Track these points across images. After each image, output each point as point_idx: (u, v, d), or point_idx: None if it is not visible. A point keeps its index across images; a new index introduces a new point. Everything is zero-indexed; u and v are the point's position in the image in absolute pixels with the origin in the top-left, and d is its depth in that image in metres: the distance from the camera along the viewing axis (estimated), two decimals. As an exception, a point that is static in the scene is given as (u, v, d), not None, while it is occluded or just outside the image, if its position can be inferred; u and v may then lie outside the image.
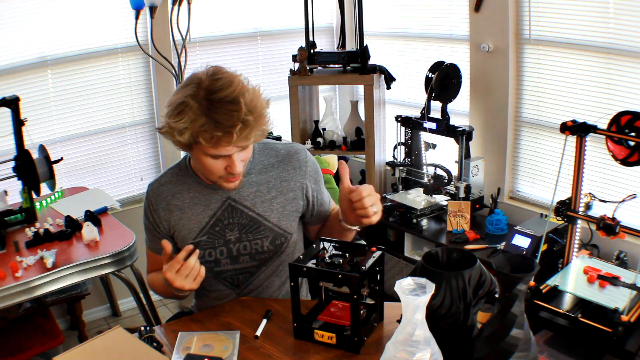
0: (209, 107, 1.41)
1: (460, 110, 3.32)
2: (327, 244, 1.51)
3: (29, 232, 2.39)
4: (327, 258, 1.43)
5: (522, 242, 2.68)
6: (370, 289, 1.48)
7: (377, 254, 1.43)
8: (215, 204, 1.65)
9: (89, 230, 2.34)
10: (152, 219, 1.68)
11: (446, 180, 3.16)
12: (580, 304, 2.24)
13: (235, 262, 1.68)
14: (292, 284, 1.43)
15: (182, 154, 3.39)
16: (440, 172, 3.19)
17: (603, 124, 2.26)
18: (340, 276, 1.35)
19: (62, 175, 3.12)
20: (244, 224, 1.65)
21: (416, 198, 3.26)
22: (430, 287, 1.11)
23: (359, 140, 3.49)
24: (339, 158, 3.83)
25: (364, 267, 1.36)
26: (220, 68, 1.49)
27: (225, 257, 1.67)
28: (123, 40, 3.19)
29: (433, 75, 3.08)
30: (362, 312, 1.47)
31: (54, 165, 2.51)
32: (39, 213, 2.59)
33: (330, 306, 1.51)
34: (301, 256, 1.46)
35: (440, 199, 3.21)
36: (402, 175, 3.40)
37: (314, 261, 1.43)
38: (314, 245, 1.51)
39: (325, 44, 3.94)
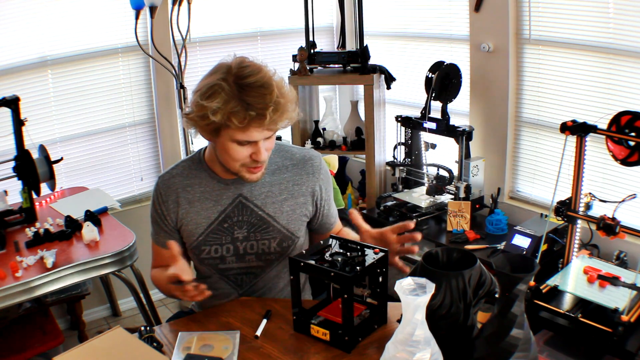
0: (239, 91, 1.44)
1: (460, 110, 3.32)
2: (333, 242, 1.51)
3: (29, 232, 2.39)
4: (328, 256, 1.44)
5: (522, 242, 2.68)
6: (372, 290, 1.47)
7: (379, 255, 1.42)
8: (226, 200, 1.64)
9: (89, 230, 2.34)
10: (160, 210, 1.68)
11: (447, 180, 3.16)
12: (580, 304, 2.24)
13: (240, 261, 1.67)
14: (292, 277, 1.44)
15: (183, 153, 3.41)
16: (442, 172, 3.19)
17: (603, 124, 2.26)
18: (332, 274, 1.35)
19: (62, 175, 3.12)
20: (253, 222, 1.65)
21: (421, 197, 3.26)
22: (430, 287, 1.11)
23: (359, 140, 3.49)
24: (340, 158, 3.84)
25: (357, 268, 1.36)
26: (244, 57, 1.52)
27: (231, 254, 1.66)
28: (123, 40, 3.19)
29: (433, 76, 3.08)
30: (364, 312, 1.47)
31: (54, 165, 2.51)
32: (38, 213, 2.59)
33: (336, 303, 1.51)
34: (304, 251, 1.47)
35: (446, 198, 3.21)
36: (402, 175, 3.40)
37: (316, 257, 1.43)
38: (322, 242, 1.52)
39: (325, 44, 3.94)
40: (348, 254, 1.44)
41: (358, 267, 1.37)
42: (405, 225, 1.54)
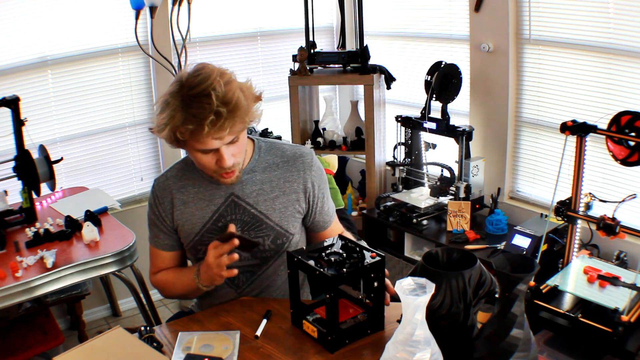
0: (187, 103, 1.45)
1: (460, 110, 3.32)
2: (336, 241, 1.51)
3: (29, 232, 2.39)
4: (325, 255, 1.43)
5: (522, 242, 2.68)
6: (367, 295, 1.47)
7: (374, 259, 1.40)
8: (219, 199, 1.65)
9: (89, 230, 2.34)
10: (157, 212, 1.69)
11: (450, 180, 3.16)
12: (580, 304, 2.24)
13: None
14: (290, 271, 1.45)
15: (183, 153, 3.41)
16: (445, 173, 3.19)
17: (603, 124, 2.26)
18: (317, 272, 1.36)
19: (62, 175, 3.12)
20: (246, 221, 1.65)
21: (419, 197, 3.26)
22: (430, 287, 1.11)
23: (359, 140, 3.49)
24: (340, 158, 3.84)
25: (343, 270, 1.35)
26: (206, 64, 1.51)
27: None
28: (123, 40, 3.19)
29: (432, 78, 3.09)
30: (360, 315, 1.47)
31: (54, 165, 2.51)
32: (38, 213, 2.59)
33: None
34: (304, 247, 1.47)
35: (445, 199, 3.21)
36: (402, 175, 3.40)
37: (315, 255, 1.43)
38: (326, 240, 1.52)
39: (325, 44, 3.94)
40: (345, 254, 1.44)
41: (345, 269, 1.36)
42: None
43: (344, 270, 1.36)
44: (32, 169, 2.44)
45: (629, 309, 2.09)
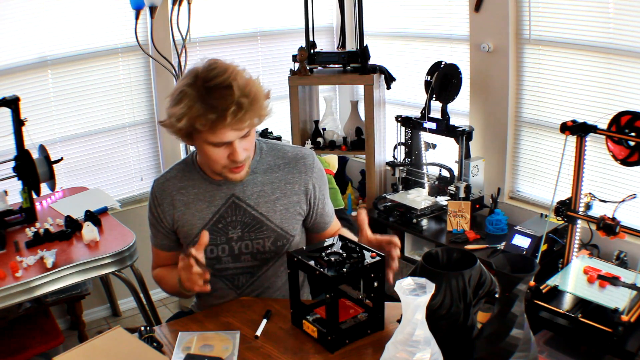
0: (205, 94, 1.45)
1: (460, 110, 3.32)
2: (336, 241, 1.51)
3: (29, 232, 2.39)
4: (325, 255, 1.43)
5: (522, 242, 2.68)
6: (367, 295, 1.47)
7: (373, 259, 1.40)
8: (220, 200, 1.65)
9: (89, 230, 2.34)
10: (156, 214, 1.69)
11: (449, 179, 3.16)
12: (580, 304, 2.24)
13: (236, 261, 1.68)
14: (290, 271, 1.45)
15: (183, 153, 3.41)
16: (444, 172, 3.18)
17: (603, 124, 2.26)
18: (317, 272, 1.36)
19: (62, 175, 3.12)
20: (246, 222, 1.65)
21: (416, 198, 3.26)
22: (430, 287, 1.11)
23: (359, 140, 3.48)
24: (340, 158, 3.84)
25: (343, 270, 1.35)
26: (217, 59, 1.52)
27: (226, 255, 1.67)
28: (123, 40, 3.19)
29: (432, 78, 3.09)
30: (360, 315, 1.47)
31: (54, 165, 2.51)
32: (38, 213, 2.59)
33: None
34: (304, 247, 1.47)
35: (441, 199, 3.21)
36: (402, 175, 3.40)
37: (315, 255, 1.43)
38: (326, 240, 1.53)
39: (325, 44, 3.94)
40: (344, 254, 1.44)
41: (344, 269, 1.36)
42: (394, 242, 1.54)
43: (344, 270, 1.36)
44: (32, 169, 2.44)
45: (629, 309, 2.09)
